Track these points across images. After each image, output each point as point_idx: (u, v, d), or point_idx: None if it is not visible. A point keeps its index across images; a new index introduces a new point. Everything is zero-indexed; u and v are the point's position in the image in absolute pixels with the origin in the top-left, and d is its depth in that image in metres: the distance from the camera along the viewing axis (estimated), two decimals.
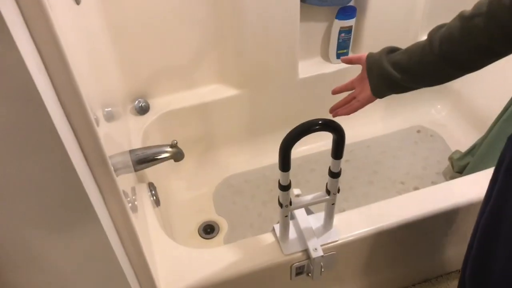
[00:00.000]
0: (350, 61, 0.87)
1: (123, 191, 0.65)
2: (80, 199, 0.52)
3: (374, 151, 1.68)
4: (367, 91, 0.81)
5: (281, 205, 0.86)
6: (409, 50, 0.74)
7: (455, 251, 1.20)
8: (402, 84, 0.75)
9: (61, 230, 0.55)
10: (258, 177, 1.59)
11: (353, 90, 0.86)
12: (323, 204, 0.93)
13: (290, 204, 0.87)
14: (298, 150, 1.62)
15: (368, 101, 0.83)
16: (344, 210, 1.04)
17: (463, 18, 0.64)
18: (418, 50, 0.71)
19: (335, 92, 0.89)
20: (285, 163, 0.78)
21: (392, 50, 0.78)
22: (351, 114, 0.88)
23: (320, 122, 0.74)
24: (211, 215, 1.48)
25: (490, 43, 0.61)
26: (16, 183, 0.48)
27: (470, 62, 0.66)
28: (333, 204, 0.91)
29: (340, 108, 0.89)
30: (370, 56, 0.81)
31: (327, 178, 0.87)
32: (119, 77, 1.34)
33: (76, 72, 0.48)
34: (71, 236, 0.56)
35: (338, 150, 0.80)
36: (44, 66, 0.46)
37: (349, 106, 0.86)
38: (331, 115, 0.90)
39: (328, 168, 0.85)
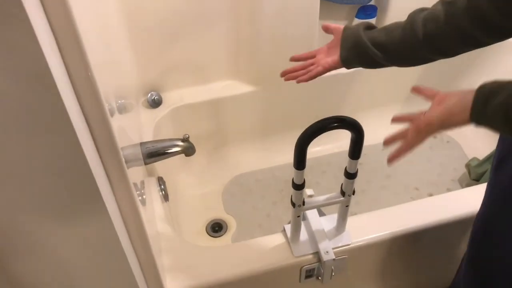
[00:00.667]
0: (327, 29, 0.86)
1: (133, 184, 0.63)
2: (89, 187, 0.51)
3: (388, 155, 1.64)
4: (333, 56, 0.81)
5: (293, 204, 0.84)
6: (388, 28, 0.74)
7: None
8: (375, 59, 0.75)
9: (68, 219, 0.54)
10: (269, 177, 1.57)
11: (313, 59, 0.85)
12: (335, 207, 0.91)
13: (303, 204, 0.85)
14: (311, 151, 1.58)
15: (332, 67, 0.82)
16: (355, 214, 1.02)
17: (445, 3, 0.66)
18: (398, 29, 0.72)
19: (294, 59, 0.88)
20: (300, 160, 0.76)
21: (369, 27, 0.78)
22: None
23: (338, 119, 0.72)
24: (220, 213, 1.46)
25: (471, 31, 0.63)
26: (23, 166, 0.47)
27: (449, 47, 0.67)
28: (347, 206, 0.89)
29: (296, 73, 0.86)
30: (347, 28, 0.81)
31: (338, 180, 0.84)
32: (133, 69, 1.33)
33: (91, 59, 0.47)
34: (77, 225, 0.55)
35: (356, 149, 0.78)
36: (59, 50, 0.44)
37: (307, 72, 0.84)
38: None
39: (339, 171, 0.83)
